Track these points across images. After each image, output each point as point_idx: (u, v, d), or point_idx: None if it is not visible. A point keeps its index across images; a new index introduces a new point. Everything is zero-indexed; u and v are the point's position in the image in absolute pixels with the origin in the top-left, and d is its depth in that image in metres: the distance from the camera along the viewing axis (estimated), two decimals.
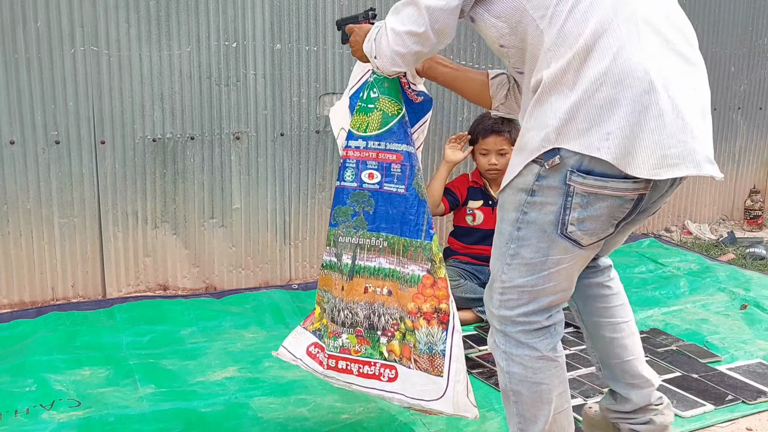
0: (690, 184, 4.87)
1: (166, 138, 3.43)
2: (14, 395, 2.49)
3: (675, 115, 1.65)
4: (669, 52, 1.68)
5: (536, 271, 1.78)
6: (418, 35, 1.86)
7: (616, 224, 1.75)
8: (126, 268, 3.48)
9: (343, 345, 2.19)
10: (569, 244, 1.74)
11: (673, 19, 1.75)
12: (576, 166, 1.66)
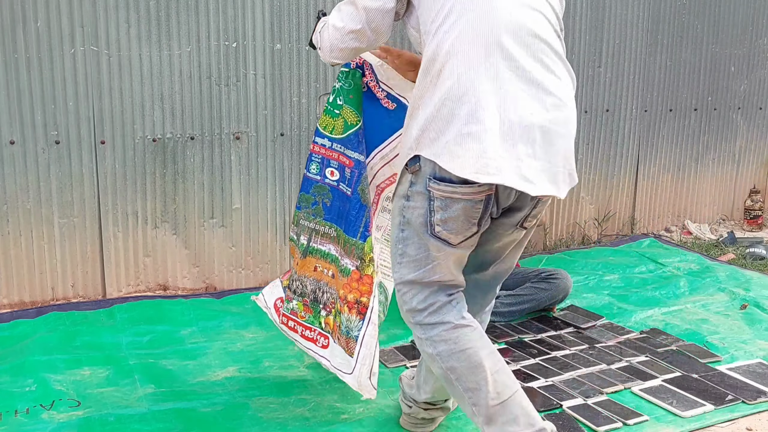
0: (690, 185, 4.88)
1: (166, 138, 3.43)
2: (14, 395, 2.49)
3: (501, 133, 1.80)
4: (516, 77, 1.84)
5: (422, 266, 1.97)
6: (355, 32, 2.04)
7: (477, 222, 1.92)
8: (126, 268, 3.48)
9: (293, 309, 2.56)
10: (440, 243, 1.94)
11: (543, 37, 1.93)
12: (431, 173, 1.88)
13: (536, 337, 3.06)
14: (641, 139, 4.61)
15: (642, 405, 2.50)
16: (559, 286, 3.22)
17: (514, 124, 1.81)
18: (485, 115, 1.80)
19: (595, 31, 4.28)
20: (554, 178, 1.87)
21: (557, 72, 1.96)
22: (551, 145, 1.86)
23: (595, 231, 4.59)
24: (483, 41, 1.85)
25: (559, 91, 1.91)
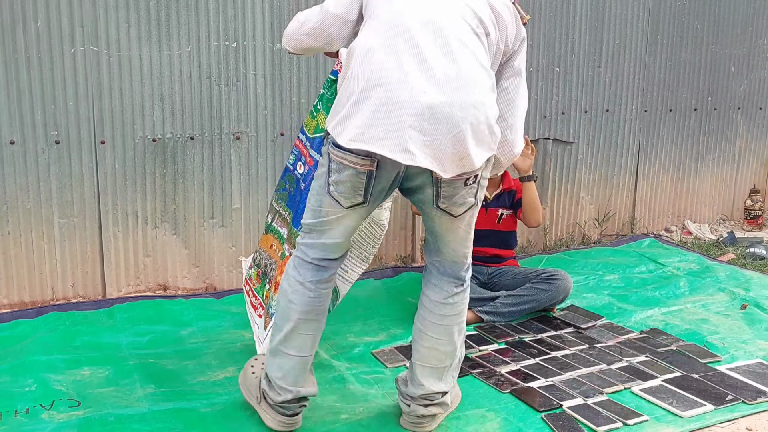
0: (690, 185, 4.88)
1: (166, 138, 3.43)
2: (14, 395, 2.50)
3: (387, 109, 1.98)
4: (416, 61, 2.00)
5: (316, 216, 2.23)
6: (311, 30, 2.30)
7: (363, 193, 2.14)
8: (126, 268, 3.48)
9: (250, 275, 2.90)
10: (333, 201, 2.17)
11: (453, 32, 2.05)
12: (332, 140, 2.12)
13: (536, 337, 3.06)
14: (641, 139, 4.61)
15: (642, 405, 2.50)
16: (559, 287, 3.22)
17: (405, 102, 1.97)
18: (376, 92, 2.00)
19: (595, 31, 4.28)
20: (440, 156, 1.99)
21: (463, 62, 2.04)
22: (440, 124, 1.97)
23: (595, 231, 4.59)
24: (392, 32, 2.06)
25: (461, 78, 2.00)
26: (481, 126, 2.02)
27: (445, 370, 2.33)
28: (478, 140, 2.02)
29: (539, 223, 3.39)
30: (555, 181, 4.39)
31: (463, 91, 2.00)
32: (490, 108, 2.06)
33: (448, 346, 2.30)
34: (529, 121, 4.19)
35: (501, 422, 2.39)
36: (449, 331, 2.29)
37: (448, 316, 2.28)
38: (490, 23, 2.15)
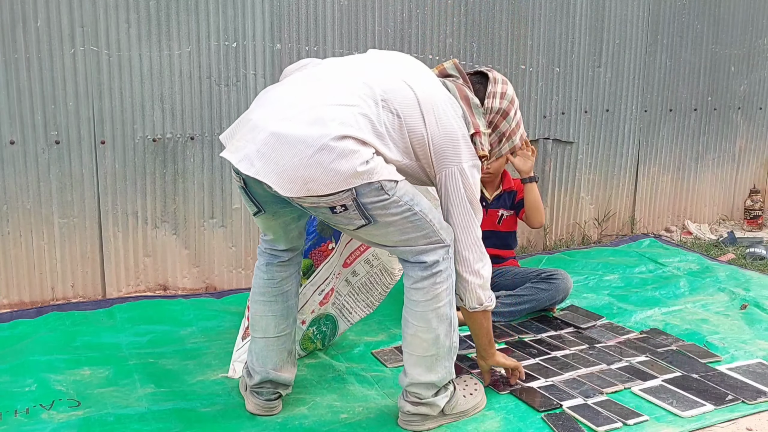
0: (690, 185, 4.88)
1: (166, 138, 3.43)
2: (14, 395, 2.49)
3: (250, 128, 2.15)
4: (285, 96, 2.20)
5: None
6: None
7: (253, 203, 2.27)
8: (126, 268, 3.48)
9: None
10: (252, 206, 2.30)
11: (328, 84, 2.20)
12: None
13: (536, 337, 3.05)
14: (641, 139, 4.61)
15: (642, 405, 2.50)
16: (559, 287, 3.22)
17: (263, 123, 2.13)
18: (251, 114, 2.20)
19: (595, 31, 4.28)
20: (282, 175, 2.08)
21: (335, 110, 2.12)
22: (287, 148, 2.08)
23: (595, 231, 4.59)
24: (300, 71, 2.34)
25: (318, 113, 2.11)
26: (329, 158, 2.05)
27: (433, 360, 2.30)
28: (325, 170, 2.05)
29: (542, 224, 3.39)
30: (555, 181, 4.39)
31: (321, 126, 2.07)
32: (346, 146, 2.07)
33: (428, 333, 2.27)
34: (529, 121, 4.19)
35: (501, 422, 2.39)
36: (425, 317, 2.27)
37: (420, 302, 2.27)
38: (403, 109, 2.18)
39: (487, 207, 3.39)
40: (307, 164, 2.04)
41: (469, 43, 3.95)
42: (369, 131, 2.11)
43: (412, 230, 2.20)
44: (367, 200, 2.11)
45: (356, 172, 2.05)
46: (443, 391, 2.35)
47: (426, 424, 2.35)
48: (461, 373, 2.71)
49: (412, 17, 3.79)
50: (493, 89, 2.40)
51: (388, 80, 2.21)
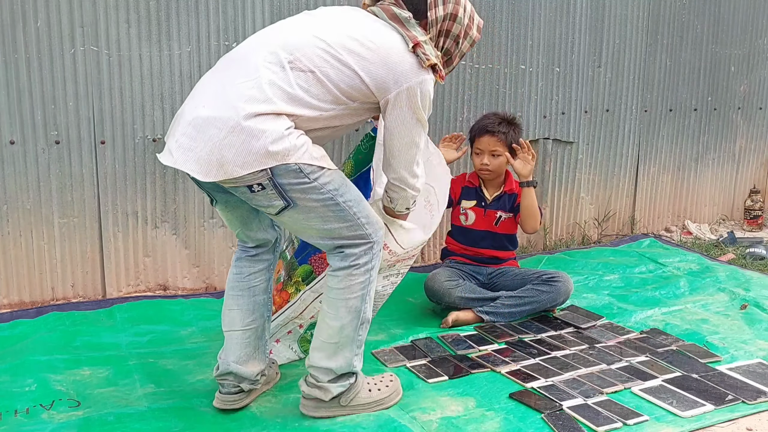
0: (690, 185, 4.88)
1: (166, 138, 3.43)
2: (14, 395, 2.49)
3: (176, 119, 2.23)
4: (211, 84, 2.22)
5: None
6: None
7: (207, 194, 2.35)
8: (126, 268, 3.48)
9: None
10: (207, 196, 2.38)
11: (251, 60, 2.19)
12: None
13: (536, 337, 3.06)
14: (641, 139, 4.61)
15: (642, 405, 2.50)
16: (560, 289, 3.21)
17: (185, 113, 2.18)
18: (179, 111, 2.26)
19: (595, 31, 4.29)
20: (200, 161, 2.12)
21: (241, 88, 2.14)
22: (202, 133, 2.12)
23: (595, 231, 4.59)
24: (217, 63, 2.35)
25: (229, 97, 2.12)
26: (239, 139, 2.08)
27: (335, 347, 2.32)
28: (238, 151, 2.08)
29: (535, 230, 3.37)
30: (555, 181, 4.39)
31: (229, 108, 2.10)
32: (255, 125, 2.09)
33: (334, 320, 2.31)
34: (529, 121, 4.20)
35: (501, 422, 2.39)
36: (335, 305, 2.30)
37: (333, 288, 2.30)
38: (316, 61, 2.18)
39: (486, 208, 3.39)
40: (221, 147, 2.08)
41: None
42: (281, 99, 2.12)
43: (334, 220, 2.22)
44: (284, 181, 2.13)
45: (268, 152, 2.07)
46: (341, 379, 2.37)
47: (319, 411, 2.38)
48: (462, 372, 2.71)
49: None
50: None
51: (295, 39, 2.20)
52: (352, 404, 2.41)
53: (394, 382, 2.52)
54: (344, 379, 2.38)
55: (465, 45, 2.45)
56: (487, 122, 3.30)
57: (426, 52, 2.26)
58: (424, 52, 2.25)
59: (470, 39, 2.45)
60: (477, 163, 3.34)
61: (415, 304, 3.43)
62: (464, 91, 3.99)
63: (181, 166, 2.13)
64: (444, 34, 2.39)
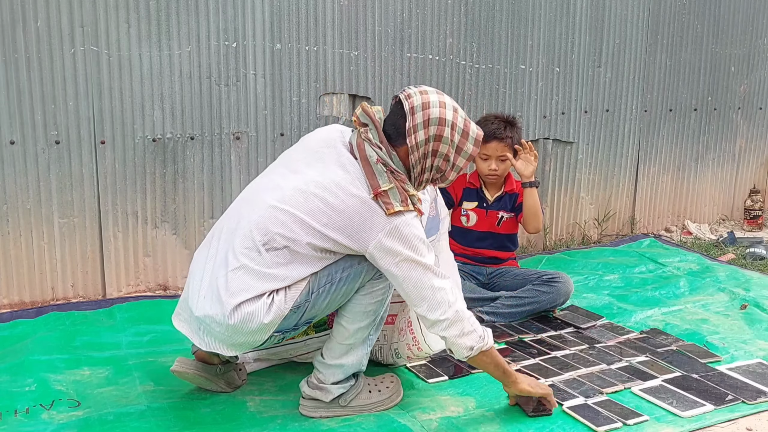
0: (690, 185, 4.88)
1: (166, 138, 3.43)
2: (14, 395, 2.49)
3: (183, 306, 2.41)
4: (208, 268, 2.34)
5: None
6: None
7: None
8: (126, 268, 3.48)
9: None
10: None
11: (232, 245, 2.30)
12: None
13: (536, 337, 3.05)
14: (641, 139, 4.61)
15: (642, 405, 2.50)
16: (560, 290, 3.21)
17: (188, 307, 2.36)
18: (189, 280, 2.40)
19: (595, 31, 4.29)
20: (224, 344, 2.31)
21: (222, 282, 2.26)
22: (207, 329, 2.31)
23: (595, 231, 4.59)
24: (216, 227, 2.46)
25: (215, 295, 2.25)
26: (236, 330, 2.24)
27: (348, 348, 2.37)
28: (243, 336, 2.26)
29: (538, 230, 3.37)
30: (555, 181, 4.39)
31: (219, 304, 2.24)
32: (243, 315, 2.22)
33: (350, 324, 2.36)
34: (529, 121, 4.20)
35: (501, 422, 2.39)
36: (353, 309, 2.35)
37: (357, 295, 2.34)
38: (288, 235, 2.22)
39: (488, 208, 3.39)
40: (231, 338, 2.26)
41: (469, 43, 3.95)
42: (259, 280, 2.21)
43: (348, 287, 2.29)
44: (290, 322, 2.26)
45: (263, 324, 2.21)
46: (345, 381, 2.40)
47: (319, 411, 2.40)
48: (462, 372, 2.71)
49: (412, 17, 3.78)
50: (411, 123, 2.25)
51: (264, 216, 2.24)
52: (351, 405, 2.41)
53: (395, 384, 2.52)
54: (348, 381, 2.40)
55: (460, 160, 2.34)
56: (493, 127, 3.26)
57: (389, 200, 2.20)
58: (386, 201, 2.19)
59: (466, 154, 2.34)
60: (484, 169, 3.32)
61: None
62: (464, 91, 3.99)
63: (213, 348, 2.32)
64: (431, 155, 2.30)
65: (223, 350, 2.31)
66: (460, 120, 2.32)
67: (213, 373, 2.52)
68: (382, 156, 2.25)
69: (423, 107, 2.26)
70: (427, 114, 2.25)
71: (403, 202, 2.20)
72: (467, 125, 2.34)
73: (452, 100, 2.34)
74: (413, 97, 2.27)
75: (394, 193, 2.21)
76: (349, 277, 2.26)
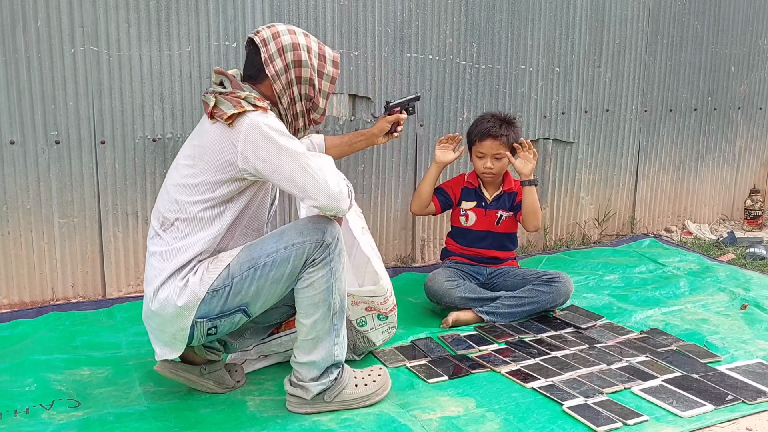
0: (690, 185, 4.88)
1: (166, 138, 3.43)
2: (14, 395, 2.50)
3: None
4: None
5: None
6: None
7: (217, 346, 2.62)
8: (126, 268, 3.48)
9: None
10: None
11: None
12: None
13: (536, 337, 3.05)
14: (641, 139, 4.61)
15: (642, 405, 2.50)
16: (560, 290, 3.21)
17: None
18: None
19: (595, 31, 4.29)
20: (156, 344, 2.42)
21: (147, 275, 2.39)
22: (149, 327, 2.42)
23: (595, 231, 4.59)
24: None
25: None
26: (158, 319, 2.34)
27: (313, 343, 2.37)
28: (169, 326, 2.34)
29: (538, 228, 3.37)
30: (555, 181, 4.39)
31: (146, 300, 2.37)
32: (160, 301, 2.31)
33: (305, 318, 2.37)
34: (529, 121, 4.20)
35: (501, 422, 2.39)
36: (302, 303, 2.37)
37: (299, 289, 2.36)
38: (173, 208, 2.34)
39: (486, 207, 3.39)
40: (161, 331, 2.35)
41: (469, 43, 3.95)
42: (165, 260, 2.30)
43: (276, 273, 2.31)
44: (212, 307, 2.30)
45: (178, 308, 2.27)
46: (323, 377, 2.39)
47: (304, 407, 2.42)
48: (462, 372, 2.71)
49: (412, 17, 3.79)
50: (266, 54, 2.35)
51: (159, 202, 2.40)
52: (336, 400, 2.43)
53: (383, 376, 2.52)
54: (325, 376, 2.40)
55: (324, 84, 2.43)
56: (488, 125, 3.28)
57: (222, 110, 2.27)
58: (218, 113, 2.27)
59: (328, 77, 2.43)
60: (480, 167, 3.33)
61: (415, 304, 3.43)
62: (464, 91, 3.99)
63: (160, 353, 2.40)
64: (296, 82, 2.38)
65: (166, 352, 2.38)
66: (314, 44, 2.41)
67: (196, 373, 2.51)
68: (215, 90, 2.34)
69: (274, 37, 2.35)
70: (279, 42, 2.35)
71: (236, 106, 2.25)
72: (321, 48, 2.43)
73: (301, 29, 2.43)
74: (262, 31, 2.38)
75: (222, 102, 2.28)
76: (274, 263, 2.29)
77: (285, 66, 2.35)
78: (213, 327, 2.33)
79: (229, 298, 2.29)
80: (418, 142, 3.94)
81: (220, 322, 2.33)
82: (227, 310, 2.31)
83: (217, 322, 2.33)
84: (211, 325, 2.32)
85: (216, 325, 2.33)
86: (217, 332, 2.37)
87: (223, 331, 2.38)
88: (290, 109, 2.41)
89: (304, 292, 2.35)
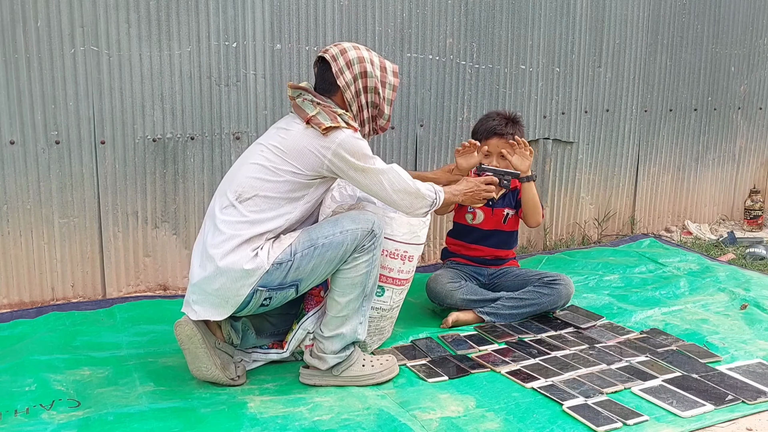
0: (690, 185, 4.88)
1: (166, 138, 3.43)
2: (14, 395, 2.49)
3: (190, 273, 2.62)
4: (200, 242, 2.61)
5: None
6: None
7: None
8: (126, 268, 3.48)
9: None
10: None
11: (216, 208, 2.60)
12: None
13: (536, 337, 3.05)
14: (641, 139, 4.61)
15: (642, 405, 2.50)
16: (561, 292, 3.21)
17: (192, 273, 2.58)
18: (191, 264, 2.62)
19: (595, 31, 4.29)
20: (211, 307, 2.54)
21: (212, 241, 2.53)
22: (203, 293, 2.54)
23: (595, 231, 4.59)
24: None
25: (206, 256, 2.51)
26: (225, 278, 2.48)
27: (343, 319, 2.59)
28: (231, 285, 2.48)
29: (539, 223, 3.38)
30: (555, 181, 4.39)
31: (210, 261, 2.50)
32: (230, 260, 2.48)
33: (341, 297, 2.59)
34: (529, 121, 4.20)
35: (501, 422, 2.39)
36: (341, 283, 2.58)
37: (342, 269, 2.58)
38: (255, 185, 2.54)
39: (493, 206, 3.39)
40: (218, 291, 2.48)
41: (469, 43, 3.95)
42: (238, 229, 2.49)
43: (332, 254, 2.52)
44: (274, 278, 2.48)
45: (245, 271, 2.44)
46: (342, 351, 2.60)
47: (313, 379, 2.63)
48: (462, 372, 2.71)
49: (412, 17, 3.79)
50: (336, 68, 2.62)
51: (237, 177, 2.57)
52: (344, 375, 2.62)
53: (390, 362, 2.70)
54: (344, 351, 2.61)
55: (387, 92, 2.72)
56: (494, 124, 3.28)
57: (319, 121, 2.54)
58: (317, 123, 2.54)
59: (390, 85, 2.72)
60: None
61: (415, 304, 3.43)
62: (464, 91, 3.99)
63: (202, 315, 2.51)
64: (364, 91, 2.66)
65: (211, 313, 2.50)
66: (375, 57, 2.71)
67: (212, 342, 2.59)
68: (313, 100, 2.61)
69: (341, 53, 2.64)
70: (347, 57, 2.63)
71: (333, 120, 2.54)
72: (382, 61, 2.73)
73: (364, 45, 2.74)
74: (330, 49, 2.66)
75: (322, 115, 2.55)
76: (331, 244, 2.52)
77: (354, 77, 2.63)
78: (268, 298, 2.52)
79: (290, 272, 2.50)
80: (418, 142, 3.95)
81: (275, 294, 2.52)
82: (284, 283, 2.51)
83: (273, 293, 2.52)
84: (267, 295, 2.51)
85: (271, 296, 2.52)
86: (269, 304, 2.55)
87: (274, 304, 2.56)
88: (359, 116, 2.68)
89: (346, 272, 2.57)
